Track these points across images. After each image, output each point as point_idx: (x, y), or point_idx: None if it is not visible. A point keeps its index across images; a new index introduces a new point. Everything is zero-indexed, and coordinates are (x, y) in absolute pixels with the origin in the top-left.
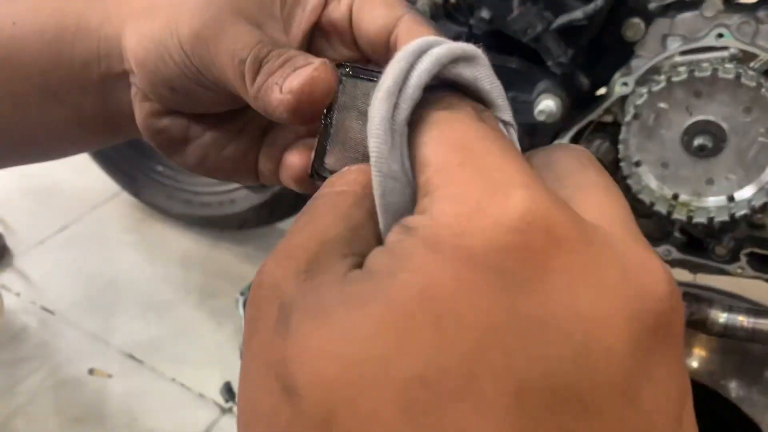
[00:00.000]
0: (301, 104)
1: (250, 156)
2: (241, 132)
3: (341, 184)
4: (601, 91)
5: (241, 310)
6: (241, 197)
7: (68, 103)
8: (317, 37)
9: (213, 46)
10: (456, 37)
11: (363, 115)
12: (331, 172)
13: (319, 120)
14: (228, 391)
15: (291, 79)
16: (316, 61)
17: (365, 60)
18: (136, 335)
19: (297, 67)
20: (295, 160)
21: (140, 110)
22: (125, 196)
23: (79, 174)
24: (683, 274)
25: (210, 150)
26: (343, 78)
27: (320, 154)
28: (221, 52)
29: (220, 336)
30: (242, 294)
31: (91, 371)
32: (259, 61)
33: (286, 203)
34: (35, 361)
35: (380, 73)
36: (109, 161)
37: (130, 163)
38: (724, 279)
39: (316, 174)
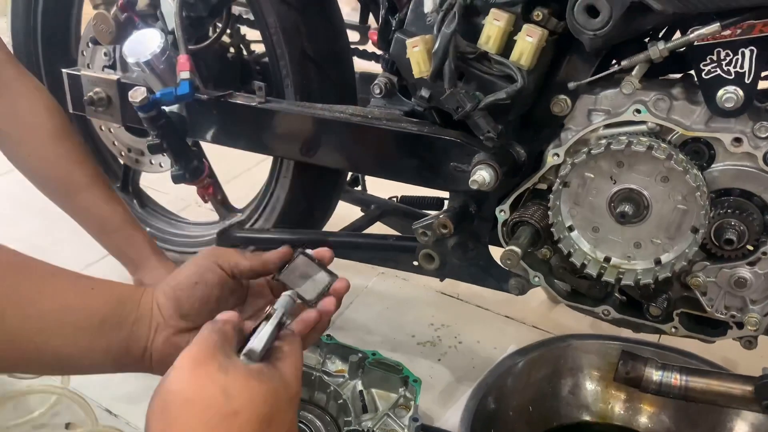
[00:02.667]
0: (279, 257)
1: None
2: None
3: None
4: None
5: None
6: None
7: (107, 338)
8: None
9: (227, 251)
10: (408, 113)
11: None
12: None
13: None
14: None
15: (274, 251)
16: (284, 246)
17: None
18: (113, 390)
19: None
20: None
21: (161, 335)
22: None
23: (75, 234)
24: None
25: None
26: (300, 255)
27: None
28: (231, 250)
29: None
30: None
31: (67, 426)
32: (251, 251)
33: None
34: (12, 415)
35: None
36: None
37: None
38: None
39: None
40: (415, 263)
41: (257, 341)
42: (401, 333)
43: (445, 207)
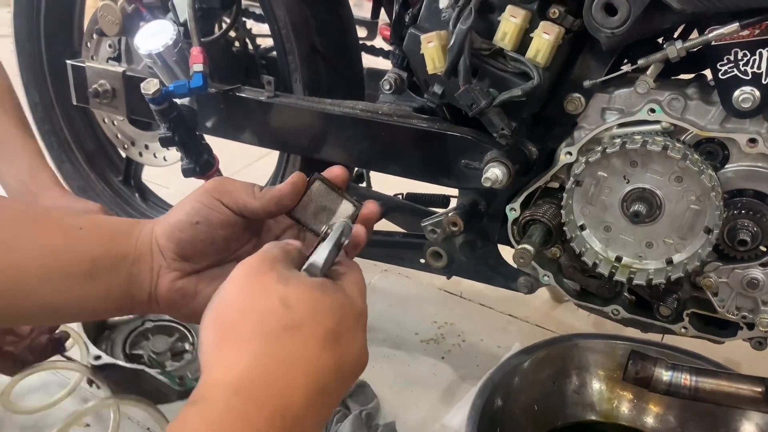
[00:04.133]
0: (293, 189)
1: None
2: None
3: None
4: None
5: None
6: None
7: (103, 283)
8: None
9: (231, 186)
10: (418, 109)
11: (319, 203)
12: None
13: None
14: None
15: (285, 182)
16: (295, 173)
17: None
18: None
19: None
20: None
21: (164, 279)
22: None
23: None
24: (640, 332)
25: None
26: (316, 181)
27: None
28: (236, 186)
29: None
30: None
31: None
32: (260, 187)
33: None
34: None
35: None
36: None
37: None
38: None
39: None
40: (422, 261)
41: (318, 256)
42: (404, 330)
43: (455, 204)
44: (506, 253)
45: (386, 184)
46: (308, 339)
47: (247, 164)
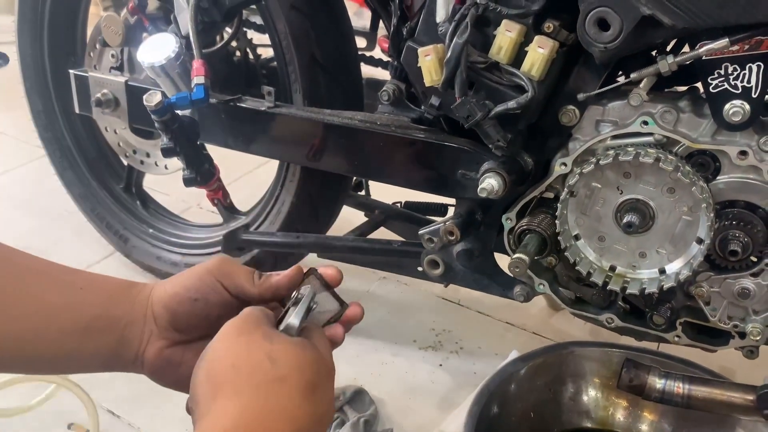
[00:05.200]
0: (290, 282)
1: None
2: None
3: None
4: None
5: None
6: None
7: (95, 341)
8: None
9: (233, 269)
10: (416, 120)
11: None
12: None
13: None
14: None
15: (283, 273)
16: (293, 267)
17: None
18: (117, 391)
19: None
20: None
21: (153, 346)
22: (118, 256)
23: (77, 234)
24: (635, 341)
25: None
26: (311, 276)
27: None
28: (237, 270)
29: None
30: None
31: (70, 426)
32: (259, 274)
33: (268, 266)
34: (14, 415)
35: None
36: (105, 223)
37: (124, 225)
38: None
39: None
40: (420, 269)
41: (294, 318)
42: (402, 338)
43: (452, 214)
44: (503, 261)
45: (385, 192)
46: (292, 390)
47: (248, 171)
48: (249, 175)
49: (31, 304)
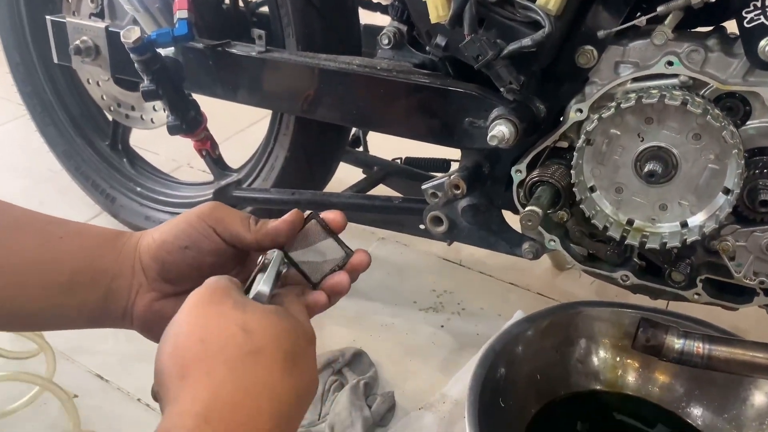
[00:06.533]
0: (290, 228)
1: None
2: None
3: None
4: None
5: None
6: None
7: (80, 296)
8: None
9: (226, 214)
10: (418, 65)
11: (311, 242)
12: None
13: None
14: None
15: (282, 218)
16: (293, 211)
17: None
18: (104, 354)
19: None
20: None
21: (142, 299)
22: (105, 217)
23: (62, 194)
24: (651, 300)
25: None
26: (312, 221)
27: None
28: (231, 215)
29: None
30: None
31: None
32: (255, 219)
33: None
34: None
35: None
36: (91, 182)
37: (110, 184)
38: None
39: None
40: (422, 226)
41: (264, 285)
42: (402, 299)
43: (457, 167)
44: (509, 218)
45: (384, 148)
46: (270, 363)
47: (240, 130)
48: (240, 134)
49: (8, 255)
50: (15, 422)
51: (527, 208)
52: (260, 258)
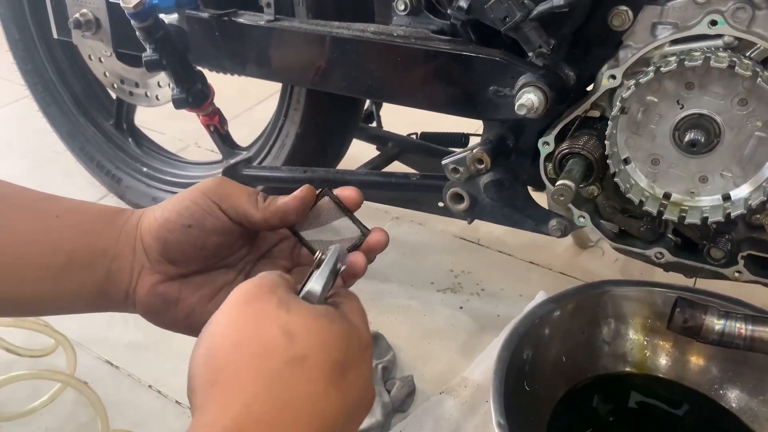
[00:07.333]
0: (301, 205)
1: None
2: (220, 291)
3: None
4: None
5: None
6: None
7: (78, 278)
8: None
9: (232, 190)
10: (437, 32)
11: (324, 221)
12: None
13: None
14: None
15: (292, 195)
16: (304, 186)
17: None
18: (114, 341)
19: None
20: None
21: (145, 281)
22: (111, 198)
23: (67, 176)
24: (679, 279)
25: (196, 306)
26: (325, 197)
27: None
28: (238, 191)
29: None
30: None
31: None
32: (264, 196)
33: None
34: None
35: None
36: (96, 163)
37: (116, 164)
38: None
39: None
40: (441, 204)
41: (316, 282)
42: (419, 280)
43: (480, 140)
44: (534, 194)
45: (399, 124)
46: (314, 373)
47: (248, 108)
48: (248, 112)
49: (3, 237)
50: (32, 418)
51: (559, 182)
52: (317, 254)
